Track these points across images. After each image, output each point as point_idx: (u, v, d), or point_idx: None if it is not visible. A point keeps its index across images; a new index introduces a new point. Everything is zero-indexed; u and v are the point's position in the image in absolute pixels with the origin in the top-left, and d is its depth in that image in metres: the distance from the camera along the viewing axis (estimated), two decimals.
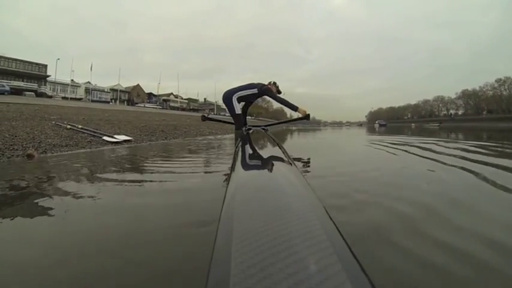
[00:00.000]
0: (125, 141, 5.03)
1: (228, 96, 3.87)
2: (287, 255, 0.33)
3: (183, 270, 0.80)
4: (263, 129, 3.83)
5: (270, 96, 3.97)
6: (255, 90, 3.94)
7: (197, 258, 0.84)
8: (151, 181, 1.99)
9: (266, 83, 3.99)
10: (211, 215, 1.10)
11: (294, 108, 3.89)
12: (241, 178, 0.85)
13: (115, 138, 4.98)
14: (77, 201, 1.47)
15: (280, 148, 1.63)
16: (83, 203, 1.44)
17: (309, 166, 2.65)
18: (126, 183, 1.87)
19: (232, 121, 4.01)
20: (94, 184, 1.86)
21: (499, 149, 4.06)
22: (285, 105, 3.96)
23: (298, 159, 2.92)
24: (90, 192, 1.60)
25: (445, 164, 2.52)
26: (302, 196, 0.63)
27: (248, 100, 4.04)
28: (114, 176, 2.12)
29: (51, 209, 1.34)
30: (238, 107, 3.83)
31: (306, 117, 4.06)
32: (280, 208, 0.53)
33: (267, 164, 1.16)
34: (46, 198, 1.52)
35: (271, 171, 0.93)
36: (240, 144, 2.07)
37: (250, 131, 3.24)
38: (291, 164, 1.05)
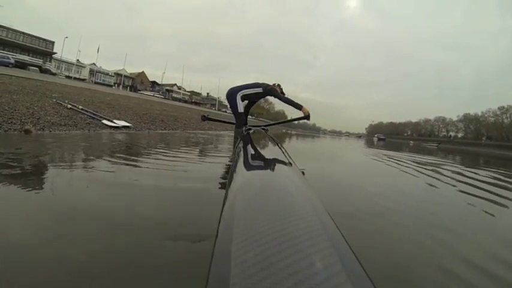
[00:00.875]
0: (124, 127, 5.00)
1: (232, 93, 3.85)
2: (287, 256, 0.33)
3: (183, 268, 0.79)
4: (263, 129, 3.82)
5: (275, 96, 3.96)
6: (260, 90, 3.93)
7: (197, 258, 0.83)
8: (143, 171, 1.97)
9: (271, 84, 3.99)
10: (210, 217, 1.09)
11: (299, 106, 3.89)
12: (241, 178, 0.84)
13: (114, 122, 4.94)
14: (67, 182, 1.45)
15: (280, 148, 1.62)
16: (73, 185, 1.42)
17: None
18: (120, 170, 1.85)
19: (232, 122, 3.99)
20: (87, 168, 1.82)
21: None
22: (290, 105, 3.96)
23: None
24: (81, 176, 1.58)
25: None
26: (302, 196, 0.62)
27: (252, 99, 4.03)
28: (108, 162, 2.10)
29: (38, 189, 1.32)
30: (241, 105, 3.81)
31: (307, 117, 4.05)
32: (280, 208, 0.52)
33: (266, 164, 1.16)
34: (33, 178, 1.49)
35: (271, 172, 0.93)
36: (240, 144, 2.06)
37: (251, 131, 3.23)
38: (291, 164, 1.04)
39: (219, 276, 0.33)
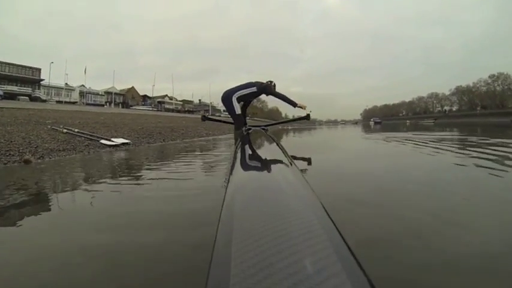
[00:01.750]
0: (123, 144, 4.97)
1: (227, 97, 3.82)
2: (287, 256, 0.33)
3: (183, 271, 0.80)
4: (263, 129, 3.81)
5: (270, 93, 3.94)
6: (254, 89, 3.91)
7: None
8: (151, 184, 1.95)
9: (265, 82, 3.98)
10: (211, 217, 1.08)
11: (293, 104, 3.88)
12: (241, 178, 0.85)
13: (113, 141, 4.91)
14: (73, 209, 1.43)
15: (280, 148, 1.62)
16: (80, 211, 1.40)
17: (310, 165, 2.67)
18: (127, 189, 1.83)
19: (231, 121, 3.97)
20: (93, 191, 1.78)
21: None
22: (285, 101, 3.96)
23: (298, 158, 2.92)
24: (87, 200, 1.55)
25: None
26: (301, 196, 0.63)
27: (247, 99, 4.00)
28: (114, 182, 2.07)
29: (44, 219, 1.29)
30: (238, 107, 3.79)
31: (306, 117, 4.08)
32: (280, 208, 0.53)
33: (266, 164, 1.16)
34: (38, 208, 1.46)
35: (270, 172, 0.94)
36: (240, 144, 2.06)
37: (250, 131, 3.23)
38: (290, 164, 1.04)
39: (219, 276, 0.33)
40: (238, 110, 3.80)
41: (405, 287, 0.73)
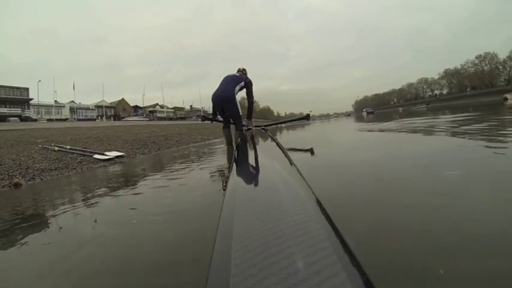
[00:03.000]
0: (117, 157, 4.84)
1: (230, 97, 3.62)
2: (287, 256, 0.34)
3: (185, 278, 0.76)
4: (263, 129, 3.78)
5: (249, 92, 3.93)
6: (243, 84, 3.83)
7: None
8: (148, 197, 1.86)
9: (237, 72, 3.96)
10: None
11: (249, 116, 4.09)
12: (241, 179, 0.86)
13: (106, 155, 4.79)
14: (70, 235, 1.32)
15: (280, 148, 1.61)
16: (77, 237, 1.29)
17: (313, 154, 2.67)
18: (125, 206, 1.71)
19: (232, 122, 3.90)
20: (89, 212, 1.65)
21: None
22: (250, 109, 4.06)
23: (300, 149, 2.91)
24: (84, 224, 1.44)
25: None
26: (301, 196, 0.63)
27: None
28: (110, 199, 1.95)
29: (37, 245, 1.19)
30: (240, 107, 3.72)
31: (306, 117, 4.12)
32: (279, 208, 0.53)
33: (266, 164, 1.16)
34: (30, 235, 1.33)
35: (270, 172, 0.95)
36: (240, 144, 2.02)
37: (251, 131, 3.19)
38: (290, 164, 1.05)
39: (219, 276, 0.32)
40: (241, 110, 3.71)
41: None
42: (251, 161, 1.31)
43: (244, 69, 4.03)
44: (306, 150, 2.87)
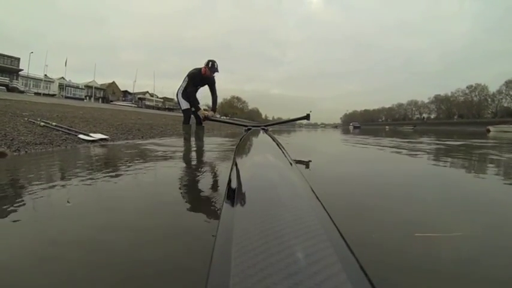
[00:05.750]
0: (101, 139, 5.04)
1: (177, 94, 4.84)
2: (287, 256, 0.34)
3: (182, 273, 0.77)
4: (263, 129, 3.82)
5: (213, 88, 4.61)
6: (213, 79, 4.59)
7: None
8: (129, 180, 2.03)
9: (204, 66, 4.59)
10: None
11: (213, 109, 4.88)
12: (241, 178, 0.84)
13: (91, 136, 4.97)
14: (50, 204, 1.43)
15: (280, 148, 1.61)
16: (57, 207, 1.39)
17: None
18: (104, 184, 1.82)
19: (232, 122, 4.27)
20: (71, 186, 1.75)
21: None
22: (214, 102, 4.75)
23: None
24: (65, 195, 1.55)
25: None
26: (302, 196, 0.64)
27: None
28: (90, 176, 2.09)
29: (21, 212, 1.25)
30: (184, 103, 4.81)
31: (306, 116, 4.32)
32: (280, 208, 0.53)
33: (267, 164, 1.14)
34: (17, 201, 1.41)
35: (271, 172, 0.94)
36: (240, 144, 2.12)
37: (250, 131, 3.30)
38: (291, 164, 1.06)
39: (219, 276, 0.33)
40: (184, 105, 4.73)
41: None
42: (251, 160, 1.30)
43: (211, 61, 4.62)
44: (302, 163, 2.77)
